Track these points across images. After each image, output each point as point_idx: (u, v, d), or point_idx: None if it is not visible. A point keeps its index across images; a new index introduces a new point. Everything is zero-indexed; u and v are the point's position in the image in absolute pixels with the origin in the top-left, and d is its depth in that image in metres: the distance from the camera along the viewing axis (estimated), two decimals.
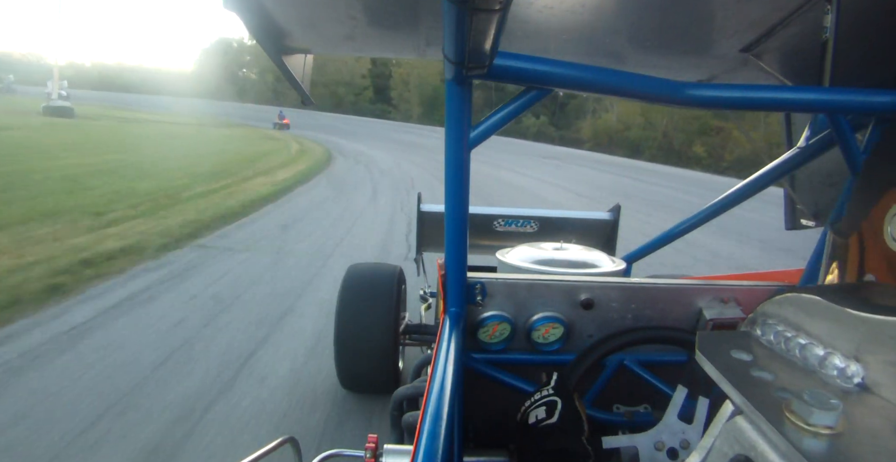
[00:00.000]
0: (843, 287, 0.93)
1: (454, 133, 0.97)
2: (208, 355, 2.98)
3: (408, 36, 1.46)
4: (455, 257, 1.17)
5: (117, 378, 2.66)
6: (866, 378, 0.53)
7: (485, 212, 2.48)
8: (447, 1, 0.58)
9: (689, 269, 5.65)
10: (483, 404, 1.35)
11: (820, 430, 0.46)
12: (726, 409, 0.57)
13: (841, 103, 0.96)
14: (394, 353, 2.38)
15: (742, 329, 0.71)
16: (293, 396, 2.60)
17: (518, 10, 1.22)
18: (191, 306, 3.68)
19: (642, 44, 1.47)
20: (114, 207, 6.46)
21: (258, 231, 6.24)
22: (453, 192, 1.08)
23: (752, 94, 0.96)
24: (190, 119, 29.42)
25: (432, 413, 0.81)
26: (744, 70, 1.54)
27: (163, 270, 4.43)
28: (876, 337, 0.54)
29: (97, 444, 2.15)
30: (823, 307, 0.60)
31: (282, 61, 1.43)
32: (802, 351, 0.59)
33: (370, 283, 2.44)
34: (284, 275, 4.56)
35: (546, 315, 1.30)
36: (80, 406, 2.40)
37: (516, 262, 1.62)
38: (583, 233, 2.50)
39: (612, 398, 1.34)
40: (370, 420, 2.44)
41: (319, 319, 3.54)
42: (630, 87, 0.94)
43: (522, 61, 0.89)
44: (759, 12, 1.21)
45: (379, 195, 9.74)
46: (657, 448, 1.08)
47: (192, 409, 2.44)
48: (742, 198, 1.76)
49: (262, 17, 1.25)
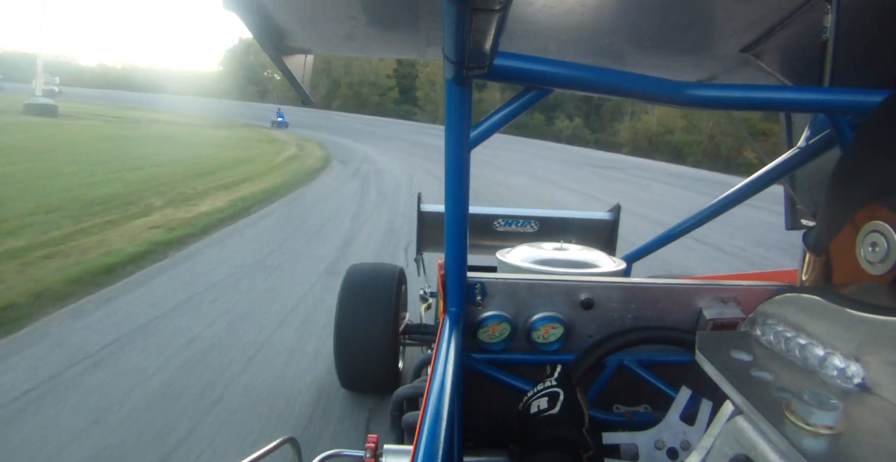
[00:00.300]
0: (843, 287, 0.92)
1: (454, 133, 0.97)
2: None
3: (408, 36, 1.46)
4: (455, 257, 1.18)
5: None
6: (866, 378, 0.53)
7: (485, 212, 2.48)
8: (447, 1, 0.58)
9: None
10: (483, 404, 1.35)
11: (820, 430, 0.46)
12: (726, 409, 0.57)
13: (841, 103, 0.96)
14: (394, 354, 2.38)
15: (742, 329, 0.71)
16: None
17: (518, 10, 1.22)
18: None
19: (642, 44, 1.47)
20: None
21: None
22: (453, 191, 1.08)
23: (752, 94, 0.96)
24: (192, 119, 27.95)
25: (432, 413, 0.81)
26: (744, 70, 1.54)
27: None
28: (876, 337, 0.54)
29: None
30: (823, 307, 0.60)
31: (282, 61, 1.43)
32: (802, 351, 0.59)
33: (370, 284, 2.43)
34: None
35: (546, 315, 1.30)
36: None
37: (516, 262, 1.62)
38: (583, 233, 2.50)
39: (612, 398, 1.34)
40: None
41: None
42: (630, 87, 0.94)
43: (522, 61, 0.89)
44: (759, 12, 1.21)
45: (361, 250, 5.52)
46: (657, 447, 1.08)
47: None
48: (742, 198, 1.76)
49: (262, 17, 1.25)
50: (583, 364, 1.14)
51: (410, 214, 6.92)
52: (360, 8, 1.23)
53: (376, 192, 9.56)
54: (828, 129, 1.34)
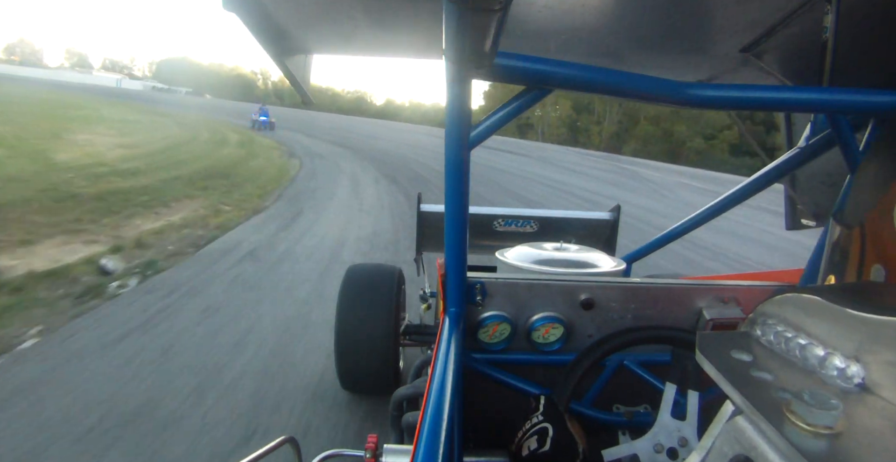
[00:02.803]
0: (843, 287, 0.92)
1: (454, 133, 0.97)
2: None
3: (408, 36, 1.46)
4: (455, 257, 1.18)
5: None
6: (866, 378, 0.53)
7: (485, 212, 2.48)
8: (447, 1, 0.58)
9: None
10: (483, 404, 1.35)
11: (820, 430, 0.46)
12: (726, 409, 0.57)
13: (841, 103, 0.96)
14: (394, 354, 2.38)
15: (742, 329, 0.71)
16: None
17: (518, 10, 1.22)
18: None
19: (642, 44, 1.47)
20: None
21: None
22: (453, 191, 1.08)
23: (752, 94, 0.96)
24: (179, 117, 25.94)
25: (432, 413, 0.81)
26: (744, 70, 1.54)
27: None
28: (876, 337, 0.54)
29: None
30: (823, 307, 0.60)
31: (282, 62, 1.43)
32: (802, 351, 0.59)
33: (370, 285, 2.43)
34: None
35: (546, 315, 1.30)
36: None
37: (516, 262, 1.61)
38: (583, 233, 2.50)
39: (612, 398, 1.34)
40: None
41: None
42: (630, 87, 0.94)
43: (522, 61, 0.89)
44: (759, 12, 1.21)
45: None
46: (657, 451, 1.08)
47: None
48: (742, 198, 1.76)
49: (262, 17, 1.25)
50: (568, 384, 1.12)
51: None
52: (360, 8, 1.23)
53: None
54: (828, 129, 1.34)
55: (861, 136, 1.19)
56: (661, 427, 1.09)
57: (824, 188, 1.67)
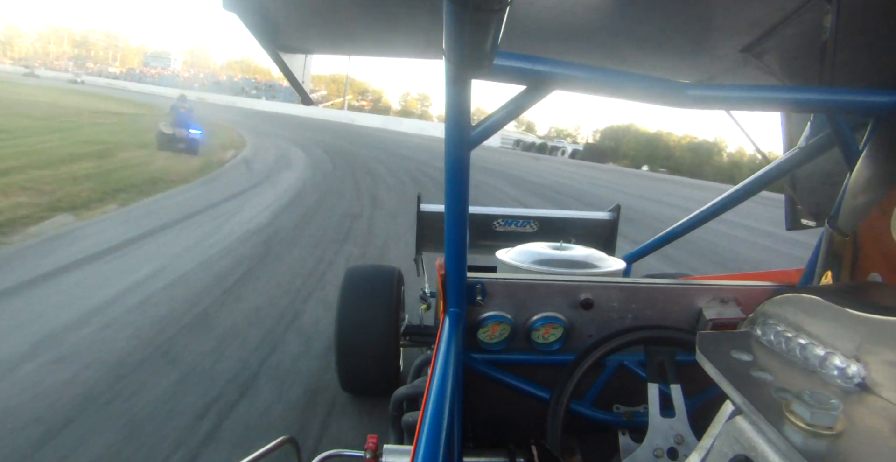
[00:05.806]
0: (843, 287, 0.92)
1: (454, 133, 0.97)
2: None
3: (408, 36, 1.46)
4: (455, 257, 1.17)
5: None
6: (866, 378, 0.53)
7: (485, 212, 2.47)
8: (447, 1, 0.58)
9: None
10: (483, 404, 1.34)
11: (820, 430, 0.46)
12: (726, 409, 0.57)
13: (840, 103, 0.96)
14: (394, 355, 2.38)
15: (742, 329, 0.71)
16: None
17: (518, 10, 1.22)
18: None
19: (642, 44, 1.47)
20: None
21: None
22: (453, 191, 1.08)
23: (752, 94, 0.96)
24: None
25: (432, 413, 0.81)
26: (744, 70, 1.54)
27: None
28: (876, 337, 0.53)
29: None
30: (823, 307, 0.60)
31: (282, 61, 1.43)
32: (803, 351, 0.59)
33: (369, 286, 2.43)
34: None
35: (546, 315, 1.30)
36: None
37: (516, 262, 1.61)
38: (583, 233, 2.50)
39: (612, 398, 1.34)
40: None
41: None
42: (630, 87, 0.94)
43: (522, 61, 0.89)
44: (759, 12, 1.20)
45: None
46: (656, 455, 1.08)
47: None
48: (743, 198, 1.76)
49: (262, 17, 1.25)
50: (556, 422, 1.11)
51: None
52: (359, 8, 1.23)
53: None
54: (828, 129, 1.34)
55: (860, 136, 1.18)
56: (655, 430, 1.09)
57: (824, 188, 1.67)
